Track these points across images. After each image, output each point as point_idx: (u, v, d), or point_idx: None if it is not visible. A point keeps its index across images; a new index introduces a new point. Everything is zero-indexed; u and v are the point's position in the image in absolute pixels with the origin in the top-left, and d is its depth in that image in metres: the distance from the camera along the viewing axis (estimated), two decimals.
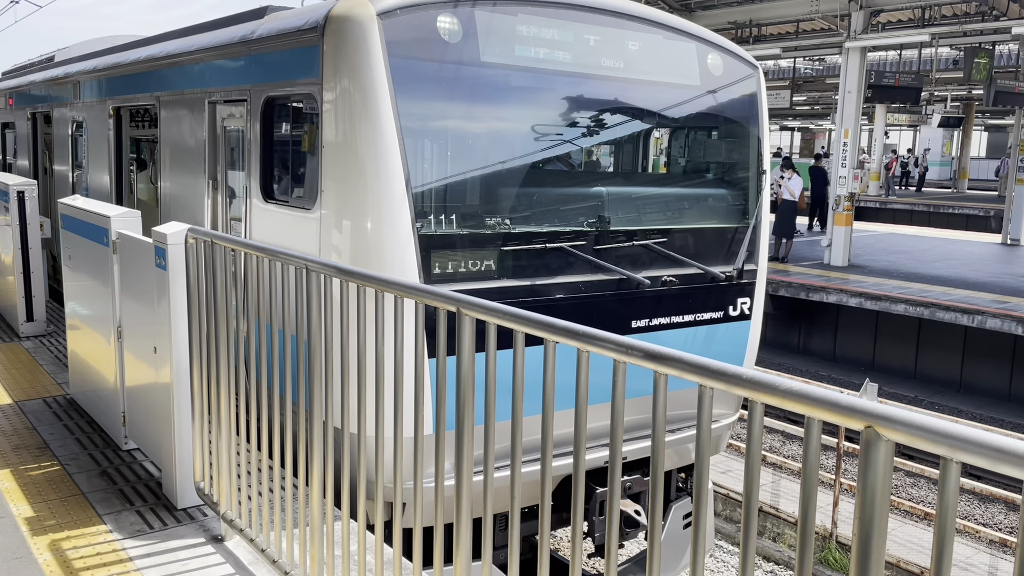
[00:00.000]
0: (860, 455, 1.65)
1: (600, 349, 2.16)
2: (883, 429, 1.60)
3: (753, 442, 1.87)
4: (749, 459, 1.87)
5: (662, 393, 2.07)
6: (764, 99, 6.68)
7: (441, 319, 2.81)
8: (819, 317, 15.42)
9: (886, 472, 1.64)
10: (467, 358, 2.72)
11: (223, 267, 4.34)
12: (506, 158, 5.45)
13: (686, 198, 6.43)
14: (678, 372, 1.99)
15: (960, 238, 23.01)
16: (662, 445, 2.11)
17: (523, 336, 2.50)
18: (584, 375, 2.29)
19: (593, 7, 5.71)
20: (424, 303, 2.90)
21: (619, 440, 2.22)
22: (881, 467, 1.63)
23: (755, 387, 1.81)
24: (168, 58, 7.14)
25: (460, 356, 2.71)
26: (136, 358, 5.35)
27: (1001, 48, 20.56)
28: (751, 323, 6.57)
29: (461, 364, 2.72)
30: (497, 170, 5.38)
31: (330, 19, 4.85)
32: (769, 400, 1.80)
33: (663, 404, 2.07)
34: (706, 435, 2.00)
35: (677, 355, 2.00)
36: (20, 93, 12.51)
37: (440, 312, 2.81)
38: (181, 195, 6.94)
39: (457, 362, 2.73)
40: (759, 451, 1.89)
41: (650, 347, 2.05)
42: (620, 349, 2.08)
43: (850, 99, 16.14)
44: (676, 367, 2.00)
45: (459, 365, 2.73)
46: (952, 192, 37.29)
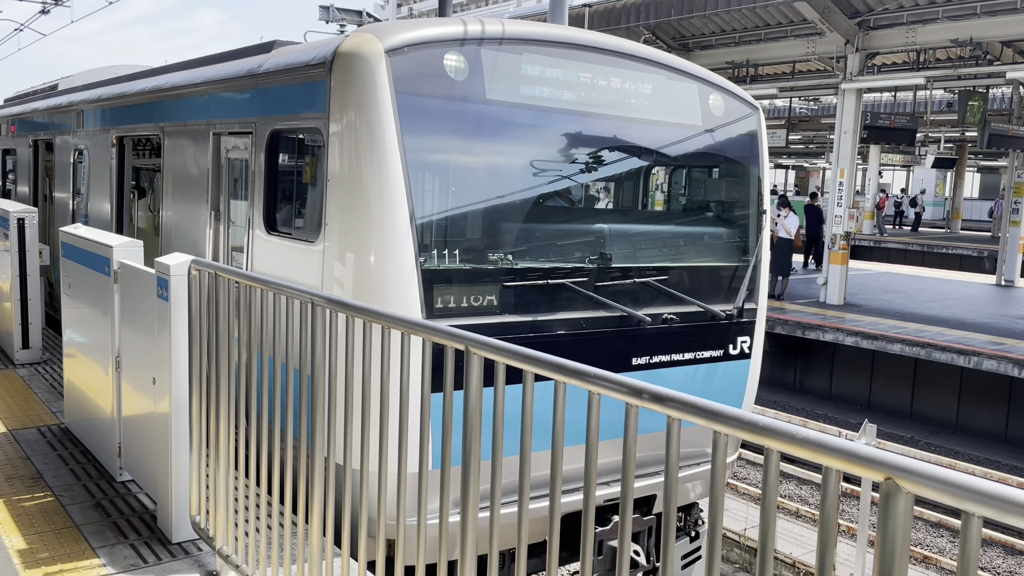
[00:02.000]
0: (880, 507, 1.64)
1: (612, 392, 2.15)
2: (903, 481, 1.59)
3: (769, 490, 1.86)
4: (765, 506, 1.86)
5: (675, 437, 2.06)
6: (764, 139, 6.74)
7: (449, 357, 2.80)
8: (815, 355, 15.42)
9: (906, 525, 1.62)
10: (474, 396, 2.70)
11: (226, 299, 4.33)
12: (509, 194, 5.47)
13: (687, 236, 6.46)
14: (692, 417, 1.98)
15: (954, 278, 23.11)
16: (675, 486, 2.09)
17: (532, 376, 2.49)
18: (595, 416, 2.27)
19: (597, 47, 5.77)
20: (431, 340, 2.89)
21: (630, 482, 2.20)
22: (901, 519, 1.62)
23: (772, 435, 1.80)
24: (174, 89, 7.19)
25: (468, 393, 2.70)
26: (134, 389, 5.31)
27: (994, 91, 20.83)
28: (751, 362, 6.56)
29: (468, 401, 2.70)
30: (500, 206, 5.40)
31: (338, 55, 4.90)
32: (786, 448, 1.79)
33: (676, 447, 2.06)
34: (720, 482, 1.98)
35: (691, 400, 1.99)
36: (22, 120, 12.56)
37: (448, 350, 2.80)
38: (182, 225, 6.94)
39: (464, 399, 2.71)
40: (775, 499, 1.87)
41: (663, 391, 2.05)
42: (632, 393, 2.07)
43: (846, 139, 16.30)
44: (690, 412, 1.99)
45: (466, 402, 2.71)
46: (946, 232, 37.53)
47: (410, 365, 3.05)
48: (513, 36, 5.37)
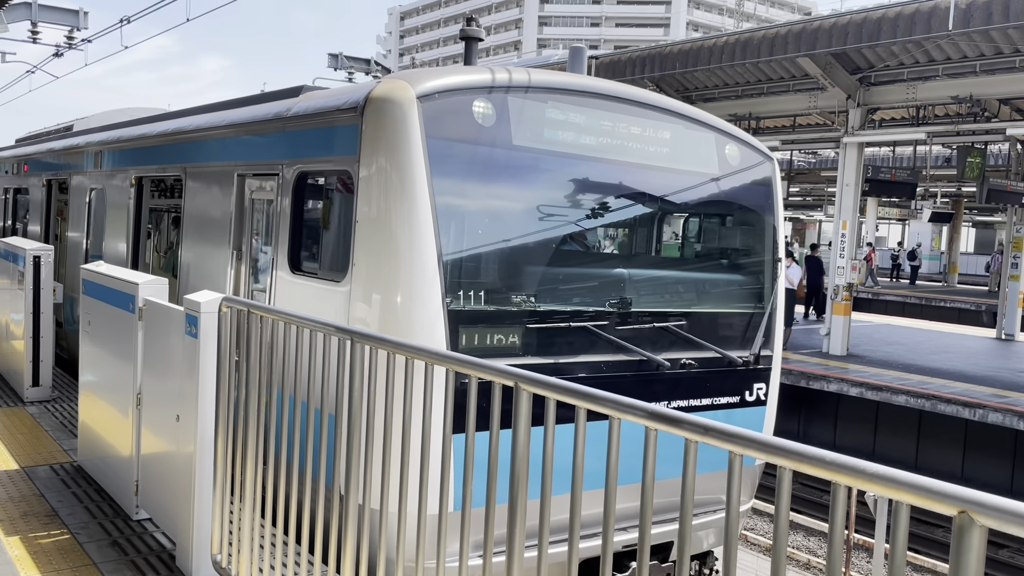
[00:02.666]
0: (952, 541, 1.67)
1: (673, 428, 2.18)
2: (978, 515, 1.62)
3: (836, 528, 1.88)
4: (833, 538, 1.88)
5: (737, 472, 2.09)
6: (779, 188, 6.85)
7: (496, 393, 2.83)
8: (819, 405, 15.40)
9: (979, 559, 1.65)
10: (523, 434, 2.73)
11: (258, 336, 4.36)
12: (533, 237, 5.55)
13: (704, 282, 6.53)
14: (756, 453, 2.01)
15: (954, 331, 23.20)
16: (736, 528, 2.11)
17: (584, 412, 2.52)
18: (652, 453, 2.30)
19: (619, 96, 5.91)
20: (478, 377, 2.92)
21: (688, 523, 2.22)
22: (975, 554, 1.64)
23: (840, 470, 1.83)
24: (198, 131, 7.31)
25: (516, 432, 2.72)
26: (155, 426, 5.30)
27: (992, 147, 21.17)
28: (767, 409, 6.58)
29: (517, 440, 2.72)
30: (524, 249, 5.47)
31: (371, 100, 5.01)
32: (855, 483, 1.82)
33: (738, 483, 2.09)
34: (784, 523, 2.00)
35: (755, 436, 2.02)
36: (36, 160, 12.69)
37: (495, 386, 2.84)
38: (203, 264, 7.00)
39: (513, 438, 2.74)
40: (841, 536, 1.90)
41: (726, 428, 2.08)
42: (697, 430, 2.11)
43: (848, 192, 16.51)
44: (754, 448, 2.03)
45: (515, 441, 2.73)
46: (943, 286, 37.74)
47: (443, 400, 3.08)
48: (538, 85, 5.50)
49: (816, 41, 14.43)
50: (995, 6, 11.76)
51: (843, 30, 14.04)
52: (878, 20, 13.54)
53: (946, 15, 12.26)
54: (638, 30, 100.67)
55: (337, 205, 5.57)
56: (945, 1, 12.13)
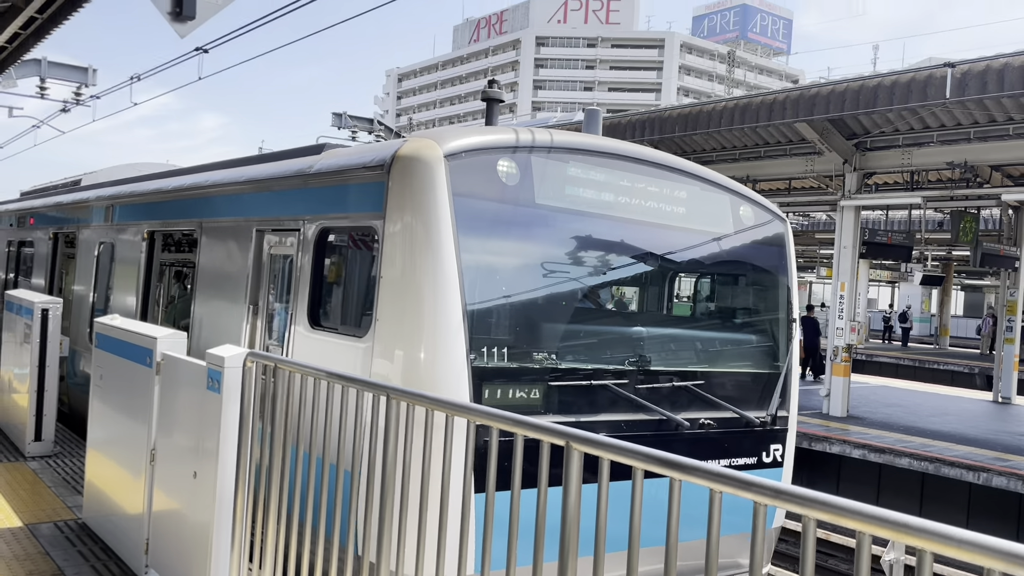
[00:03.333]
0: None
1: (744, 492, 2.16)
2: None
3: None
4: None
5: (811, 537, 2.06)
6: (792, 249, 6.92)
7: (544, 452, 2.81)
8: (821, 467, 15.28)
9: None
10: (574, 495, 2.70)
11: (284, 393, 4.33)
12: (555, 295, 5.57)
13: (721, 342, 6.54)
14: (831, 517, 1.99)
15: (950, 394, 23.19)
16: None
17: (642, 473, 2.50)
18: (716, 515, 2.28)
19: (637, 158, 6.00)
20: (524, 435, 2.90)
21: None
22: None
23: (926, 535, 1.82)
24: (216, 186, 7.35)
25: (567, 492, 2.70)
26: (170, 483, 5.22)
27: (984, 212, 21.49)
28: (783, 471, 6.53)
29: (568, 500, 2.69)
30: (546, 306, 5.49)
31: (398, 158, 5.07)
32: (942, 550, 1.80)
33: (812, 552, 2.07)
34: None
35: (830, 499, 2.01)
36: (43, 213, 12.72)
37: (544, 445, 2.82)
38: (217, 319, 6.97)
39: (564, 498, 2.70)
40: None
41: (799, 490, 2.07)
42: (769, 493, 2.09)
43: (846, 254, 16.66)
44: (830, 511, 2.01)
45: (565, 502, 2.70)
46: (935, 348, 37.89)
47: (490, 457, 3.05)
48: (561, 145, 5.59)
49: (814, 107, 14.72)
50: (990, 75, 12.06)
51: (840, 97, 14.34)
52: (874, 88, 13.85)
53: (941, 84, 12.56)
54: (630, 95, 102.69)
55: (360, 261, 5.59)
56: (941, 71, 12.44)
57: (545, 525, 2.80)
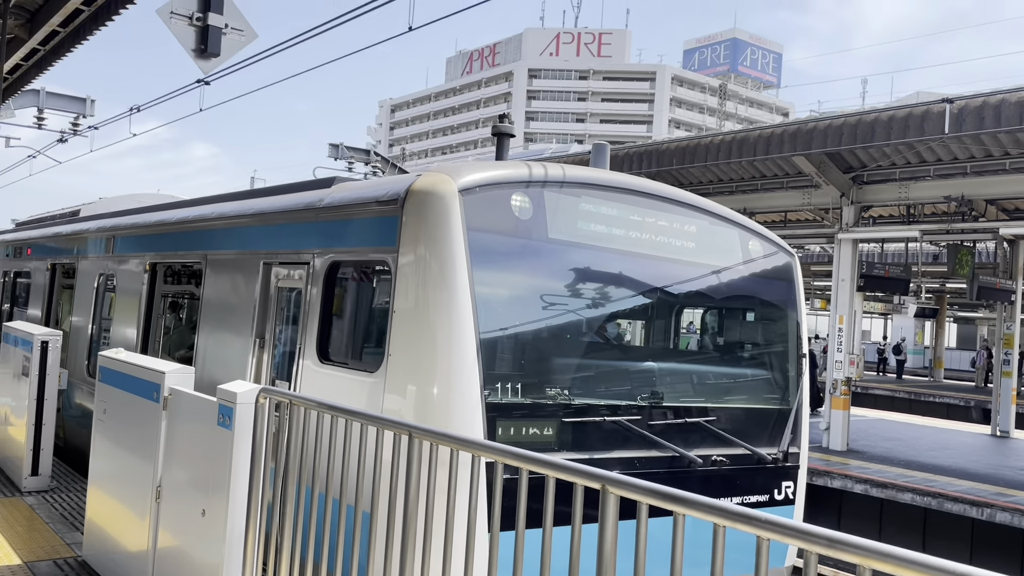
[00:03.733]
0: None
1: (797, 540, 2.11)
2: None
3: None
4: None
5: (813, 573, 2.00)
6: (800, 284, 6.91)
7: (578, 496, 2.75)
8: (822, 501, 15.16)
9: None
10: (610, 540, 2.63)
11: (298, 430, 4.26)
12: (568, 330, 5.53)
13: (733, 377, 6.50)
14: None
15: (948, 427, 23.15)
16: None
17: (683, 518, 2.44)
18: (764, 565, 2.22)
19: (648, 193, 6.00)
20: (556, 477, 2.84)
21: None
22: None
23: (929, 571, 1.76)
24: (222, 219, 7.31)
25: (603, 537, 2.63)
26: (176, 521, 5.11)
27: (980, 245, 21.61)
28: (795, 508, 6.46)
29: (604, 545, 2.63)
30: (560, 341, 5.45)
31: (412, 192, 5.04)
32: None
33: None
34: None
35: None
36: (41, 244, 12.63)
37: (577, 487, 2.76)
38: (222, 353, 6.89)
39: (599, 543, 2.64)
40: None
41: (836, 535, 2.02)
42: (823, 543, 2.03)
43: (843, 287, 16.69)
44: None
45: (601, 547, 2.64)
46: (930, 380, 37.91)
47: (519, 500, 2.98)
48: (573, 180, 5.58)
49: (811, 141, 14.83)
50: (987, 111, 12.18)
51: (837, 131, 14.46)
52: (872, 122, 13.96)
53: (938, 119, 12.67)
54: (622, 126, 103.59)
55: (371, 295, 5.54)
56: (939, 106, 12.56)
57: (579, 570, 2.74)
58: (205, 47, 5.14)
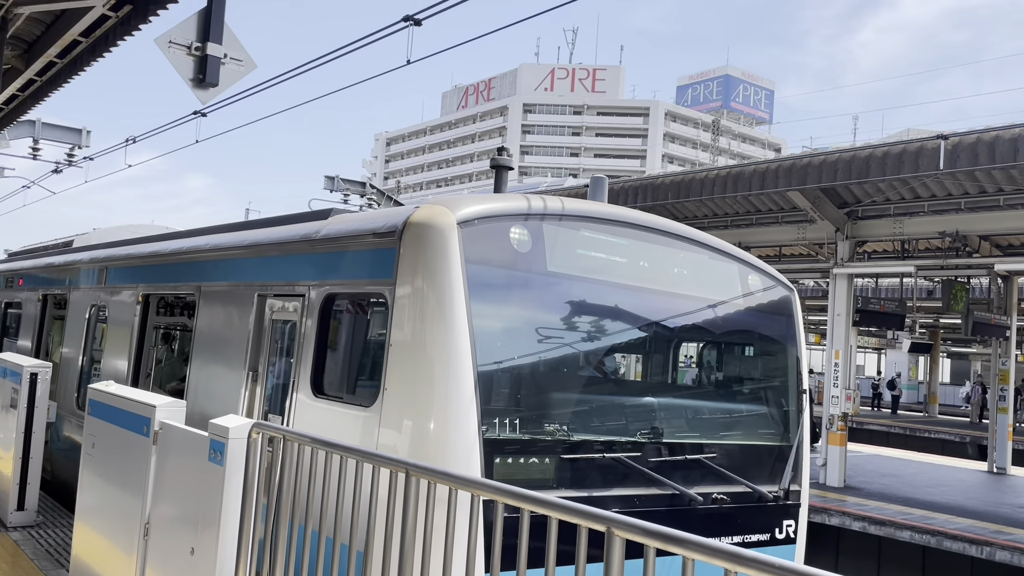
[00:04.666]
0: None
1: None
2: None
3: None
4: None
5: None
6: (800, 319, 6.85)
7: (582, 538, 2.66)
8: (819, 538, 14.98)
9: None
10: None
11: (292, 466, 4.16)
12: (566, 364, 5.45)
13: (733, 413, 6.41)
14: None
15: (944, 463, 23.02)
16: None
17: (692, 563, 2.36)
18: None
19: (648, 226, 5.96)
20: (558, 518, 2.75)
21: None
22: None
23: None
24: (216, 250, 7.24)
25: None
26: (164, 559, 4.98)
27: (974, 281, 21.66)
28: (796, 548, 6.34)
29: None
30: (558, 376, 5.36)
31: (410, 224, 4.99)
32: None
33: None
34: None
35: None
36: (32, 275, 12.53)
37: (581, 530, 2.67)
38: (214, 386, 6.78)
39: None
40: None
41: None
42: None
43: (839, 321, 16.67)
44: None
45: None
46: (924, 416, 37.79)
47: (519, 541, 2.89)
48: (572, 213, 5.54)
49: (806, 176, 14.89)
50: (981, 147, 12.26)
51: (832, 167, 14.52)
52: (866, 158, 14.03)
53: (933, 155, 12.74)
54: (616, 160, 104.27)
55: (367, 328, 5.46)
56: (934, 142, 12.64)
57: None
58: (203, 77, 5.11)
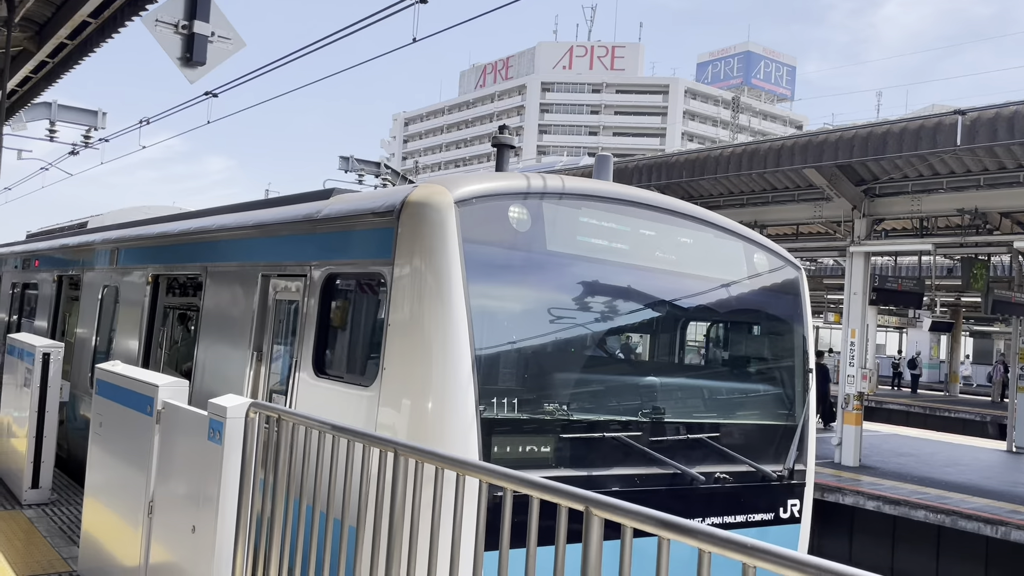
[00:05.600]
0: None
1: (781, 569, 2.01)
2: None
3: None
4: None
5: None
6: (807, 298, 6.79)
7: (562, 517, 2.65)
8: (833, 518, 14.95)
9: None
10: (594, 561, 2.54)
11: (287, 445, 4.18)
12: (566, 344, 5.43)
13: (736, 392, 6.38)
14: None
15: (963, 443, 22.84)
16: None
17: (667, 543, 2.35)
18: None
19: (650, 204, 5.91)
20: (541, 498, 2.75)
21: None
22: None
23: None
24: (221, 231, 7.27)
25: (587, 558, 2.54)
26: (168, 536, 5.04)
27: (995, 259, 21.37)
28: (801, 527, 6.32)
29: (587, 567, 2.53)
30: (558, 355, 5.35)
31: (407, 204, 4.98)
32: None
33: None
34: None
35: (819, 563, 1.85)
36: (48, 256, 12.67)
37: (561, 509, 2.66)
38: (220, 365, 6.84)
39: (583, 564, 2.54)
40: None
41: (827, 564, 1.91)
42: (811, 570, 1.93)
43: (855, 300, 16.51)
44: None
45: (584, 568, 2.54)
46: (945, 395, 37.48)
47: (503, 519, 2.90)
48: (572, 191, 5.50)
49: (822, 153, 14.70)
50: (1000, 122, 12.03)
51: (848, 143, 14.33)
52: (883, 134, 13.83)
53: (952, 131, 12.52)
54: (635, 139, 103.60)
55: (367, 308, 5.47)
56: (951, 118, 12.42)
57: None
58: (191, 55, 5.10)
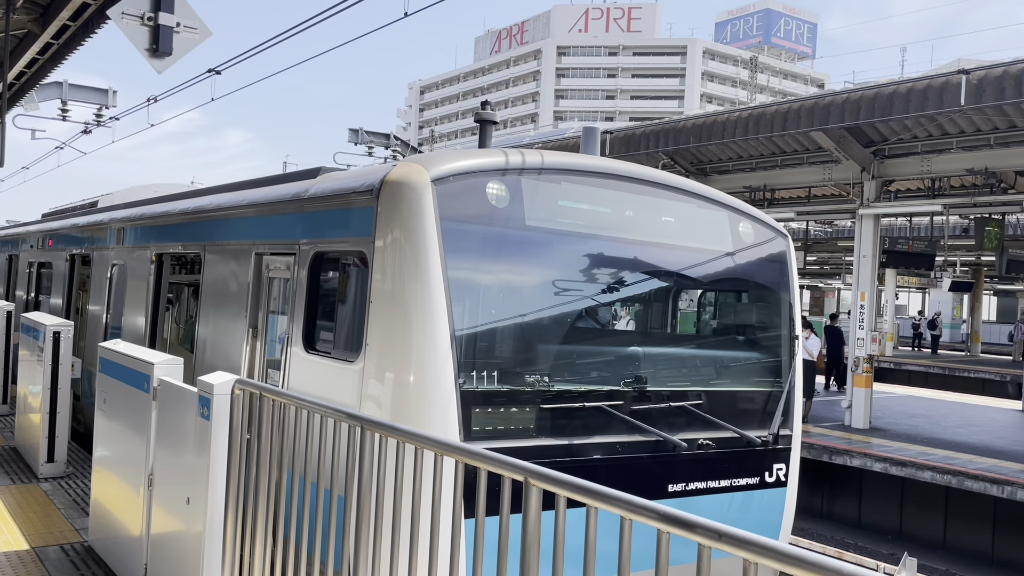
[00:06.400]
0: None
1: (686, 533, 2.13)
2: None
3: None
4: None
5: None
6: (794, 265, 6.84)
7: (506, 488, 2.79)
8: (842, 481, 15.06)
9: None
10: (532, 527, 2.68)
11: (269, 420, 4.35)
12: (546, 317, 5.55)
13: (720, 360, 6.48)
14: (773, 563, 1.95)
15: (979, 403, 22.79)
16: None
17: (595, 511, 2.48)
18: (664, 555, 2.25)
19: (631, 176, 5.97)
20: (487, 470, 2.89)
21: None
22: None
23: None
24: (218, 210, 7.43)
25: (526, 525, 2.68)
26: (166, 508, 5.26)
27: (1009, 218, 21.13)
28: (787, 490, 6.44)
29: (527, 533, 2.67)
30: (538, 329, 5.47)
31: (386, 183, 5.09)
32: None
33: None
34: None
35: (772, 544, 1.97)
36: (60, 235, 12.94)
37: (505, 480, 2.80)
38: (219, 341, 7.04)
39: (523, 531, 2.69)
40: None
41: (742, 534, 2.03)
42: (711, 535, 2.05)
43: (865, 263, 16.45)
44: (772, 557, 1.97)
45: (524, 534, 2.68)
46: (966, 355, 37.25)
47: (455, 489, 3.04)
48: (552, 166, 5.58)
49: (829, 116, 14.58)
50: (1007, 80, 11.88)
51: (855, 105, 14.20)
52: (890, 95, 13.69)
53: (957, 90, 12.38)
54: (653, 102, 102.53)
55: (352, 285, 5.61)
56: (956, 77, 12.27)
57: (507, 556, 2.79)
58: (157, 46, 5.22)
